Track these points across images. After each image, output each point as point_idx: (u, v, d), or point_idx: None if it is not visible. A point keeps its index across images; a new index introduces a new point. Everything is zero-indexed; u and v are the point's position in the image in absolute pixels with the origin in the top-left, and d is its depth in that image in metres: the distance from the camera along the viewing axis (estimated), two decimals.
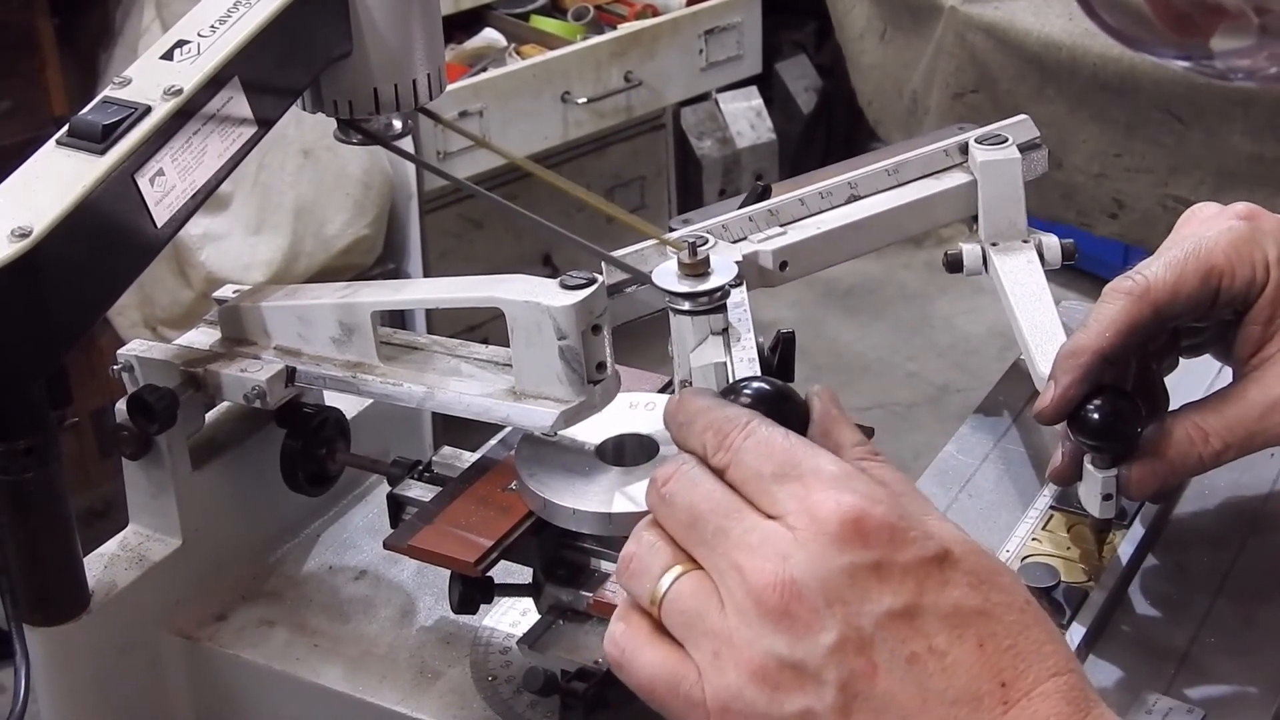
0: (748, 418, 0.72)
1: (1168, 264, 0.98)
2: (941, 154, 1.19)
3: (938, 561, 0.68)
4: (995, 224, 1.17)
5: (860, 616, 0.67)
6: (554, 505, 0.97)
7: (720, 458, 0.72)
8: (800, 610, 0.67)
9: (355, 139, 1.05)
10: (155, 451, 1.05)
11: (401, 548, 1.00)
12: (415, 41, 1.03)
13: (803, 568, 0.67)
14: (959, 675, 0.67)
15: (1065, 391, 0.98)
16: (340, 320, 1.03)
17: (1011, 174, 1.17)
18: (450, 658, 1.04)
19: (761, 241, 1.10)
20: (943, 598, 0.67)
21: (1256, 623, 0.99)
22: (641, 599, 0.72)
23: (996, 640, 0.67)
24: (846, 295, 3.84)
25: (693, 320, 0.92)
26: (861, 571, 0.67)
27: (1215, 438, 0.98)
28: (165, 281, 2.71)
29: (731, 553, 0.69)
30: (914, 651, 0.67)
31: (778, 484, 0.69)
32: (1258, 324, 0.98)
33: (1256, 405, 0.97)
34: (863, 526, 0.67)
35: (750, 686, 0.68)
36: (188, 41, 0.98)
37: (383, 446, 1.19)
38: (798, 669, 0.67)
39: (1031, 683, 0.67)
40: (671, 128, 3.56)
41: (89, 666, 1.02)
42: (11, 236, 0.87)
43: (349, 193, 2.81)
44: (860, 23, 2.95)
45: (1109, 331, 0.97)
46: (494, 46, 3.17)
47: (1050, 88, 2.48)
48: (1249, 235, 0.98)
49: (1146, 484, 0.99)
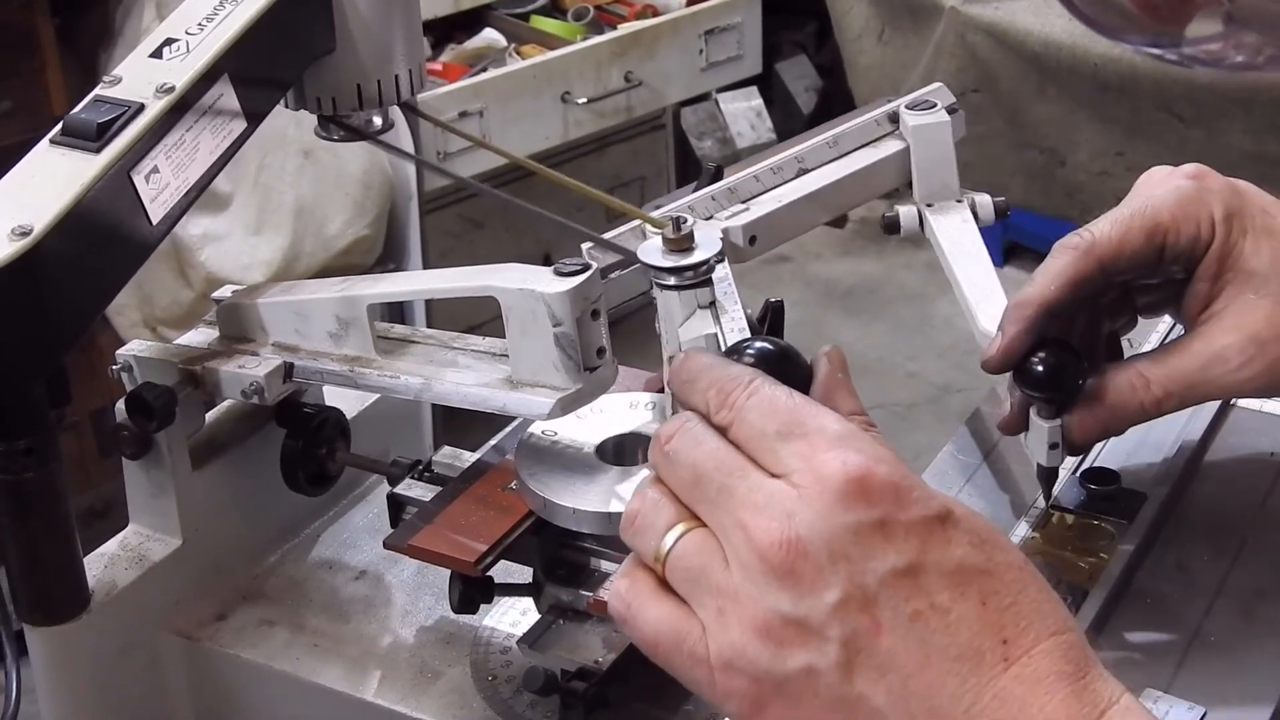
0: (750, 376, 0.72)
1: (1114, 221, 1.00)
2: (874, 124, 1.23)
3: (940, 520, 0.68)
4: (929, 185, 1.20)
5: (864, 574, 0.67)
6: (554, 505, 0.97)
7: (723, 415, 0.72)
8: (805, 568, 0.67)
9: (336, 135, 1.06)
10: (155, 451, 1.05)
11: (401, 548, 1.00)
12: (396, 37, 1.03)
13: (807, 525, 0.67)
14: (961, 632, 0.67)
15: (1011, 343, 1.00)
16: (337, 314, 1.03)
17: (942, 136, 1.20)
18: (450, 657, 1.04)
19: (729, 219, 1.11)
20: (946, 556, 0.68)
21: (1258, 618, 0.99)
22: (646, 555, 0.72)
23: (998, 598, 0.68)
24: (846, 295, 3.84)
25: (679, 295, 0.93)
26: (866, 529, 0.67)
27: (1156, 385, 0.99)
28: (165, 282, 2.71)
29: (736, 510, 0.69)
30: (917, 609, 0.67)
31: (782, 442, 0.70)
32: (1204, 280, 1.00)
33: (1199, 356, 0.99)
34: (867, 485, 0.68)
35: (754, 643, 0.68)
36: (176, 39, 0.98)
37: (383, 446, 1.19)
38: (801, 626, 0.67)
39: (1032, 640, 0.67)
40: (671, 128, 3.57)
41: (89, 666, 1.02)
42: (11, 235, 0.87)
43: (349, 193, 2.81)
44: (859, 23, 2.95)
45: (1054, 285, 0.99)
46: (494, 47, 3.17)
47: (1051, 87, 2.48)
48: (1195, 194, 1.00)
49: (1088, 429, 1.01)
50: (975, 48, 2.57)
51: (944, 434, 1.20)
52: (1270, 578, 1.03)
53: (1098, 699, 0.68)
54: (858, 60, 2.98)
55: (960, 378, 3.53)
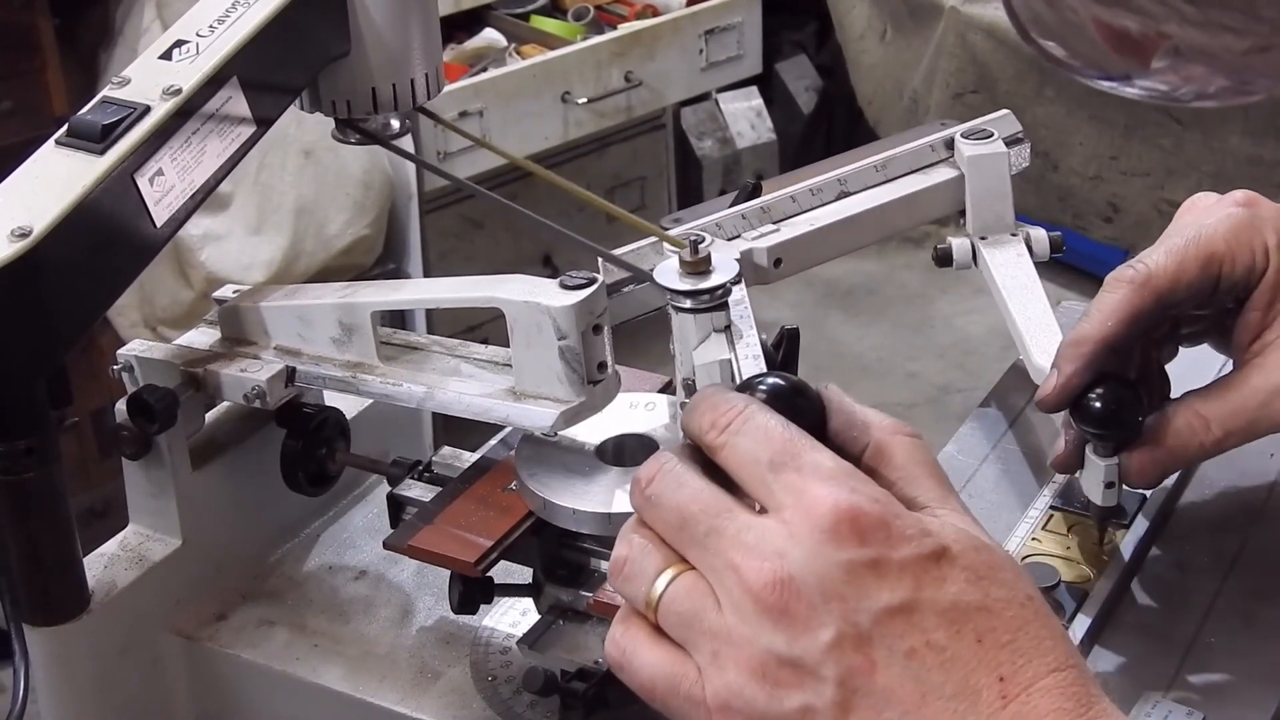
0: (745, 403, 0.72)
1: (1169, 251, 0.98)
2: (928, 149, 1.20)
3: (934, 558, 0.68)
4: (983, 218, 1.18)
5: (858, 613, 0.67)
6: (554, 505, 0.97)
7: (714, 438, 0.71)
8: (798, 607, 0.67)
9: (353, 139, 1.05)
10: (155, 452, 1.05)
11: (401, 548, 1.00)
12: (413, 41, 1.03)
13: (799, 564, 0.67)
14: (957, 670, 0.67)
15: (1068, 380, 0.98)
16: (340, 320, 1.03)
17: (998, 168, 1.18)
18: (450, 658, 1.04)
19: (755, 239, 1.11)
20: (940, 593, 0.67)
21: (1257, 621, 0.99)
22: (637, 603, 0.72)
23: (995, 635, 0.67)
24: (847, 295, 3.84)
25: (695, 318, 0.92)
26: (859, 568, 0.67)
27: (1216, 425, 0.98)
28: (165, 281, 2.71)
29: (726, 552, 0.69)
30: (912, 647, 0.67)
31: (773, 473, 0.69)
32: (1258, 310, 0.98)
33: (1259, 392, 0.97)
34: (858, 523, 0.67)
35: (750, 684, 0.68)
36: (186, 41, 0.98)
37: (383, 447, 1.19)
38: (796, 666, 0.67)
39: (1030, 678, 0.67)
40: (672, 128, 3.56)
41: (89, 666, 1.02)
42: (12, 236, 0.87)
43: (349, 193, 2.81)
44: (861, 23, 2.95)
45: (1111, 320, 0.98)
46: (494, 46, 3.17)
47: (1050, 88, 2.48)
48: (1248, 221, 0.98)
49: (1147, 471, 0.99)
50: (975, 48, 2.57)
51: (944, 434, 1.20)
52: (1269, 580, 1.03)
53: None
54: (860, 60, 2.98)
55: (960, 378, 3.53)
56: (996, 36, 2.53)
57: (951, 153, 1.20)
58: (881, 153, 1.19)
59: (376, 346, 1.02)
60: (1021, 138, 1.20)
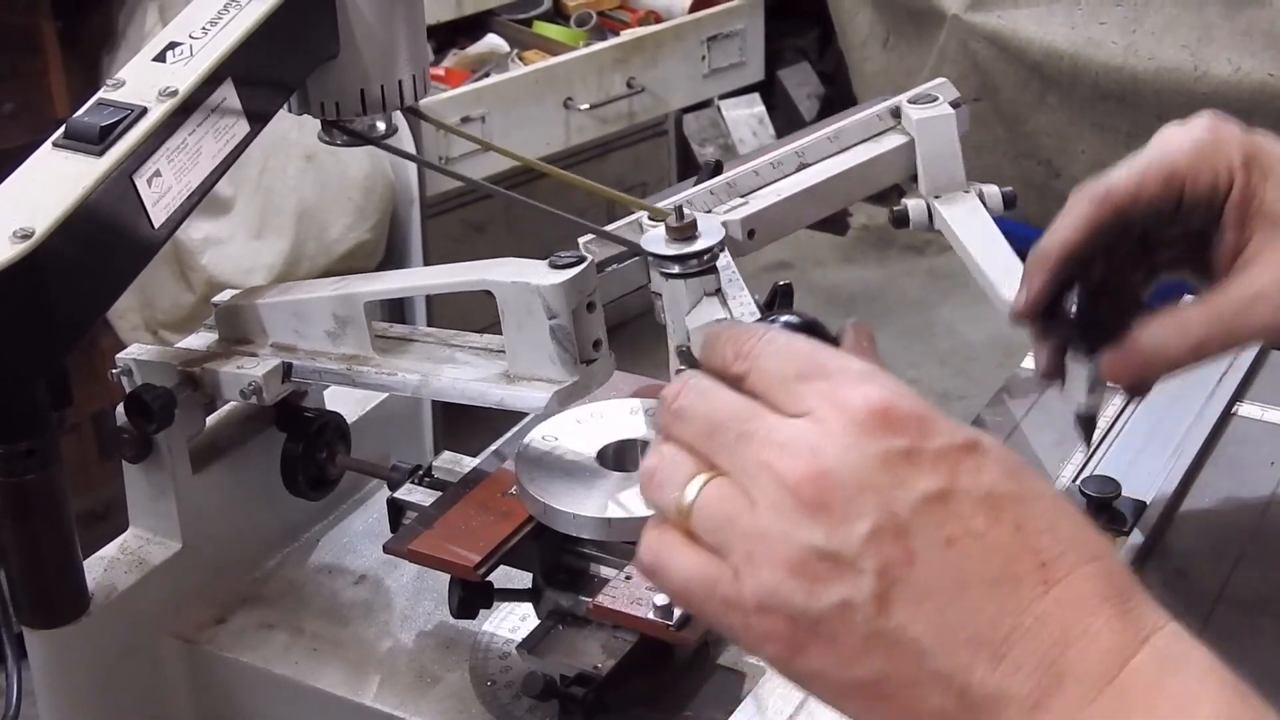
0: (764, 328, 0.71)
1: (1130, 169, 1.00)
2: (875, 119, 1.24)
3: (968, 449, 0.67)
4: (935, 178, 1.22)
5: (895, 502, 0.65)
6: (554, 510, 0.97)
7: (739, 365, 0.71)
8: (835, 500, 0.66)
9: (340, 140, 1.06)
10: (155, 454, 1.05)
11: (401, 551, 1.00)
12: (401, 42, 1.03)
13: (835, 458, 0.66)
14: (997, 557, 0.65)
15: (1036, 290, 1.00)
16: (335, 313, 1.03)
17: (947, 129, 1.22)
18: (449, 662, 1.04)
19: (727, 213, 1.12)
20: (977, 482, 0.66)
21: (1256, 632, 0.99)
22: (669, 510, 0.70)
23: (1034, 523, 0.66)
24: (848, 302, 3.84)
25: (685, 283, 0.93)
26: (894, 458, 0.66)
27: (1196, 326, 0.97)
28: (167, 285, 2.71)
29: (759, 452, 0.68)
30: (951, 534, 0.65)
31: (802, 383, 0.68)
32: (1231, 229, 0.99)
33: (1239, 298, 0.97)
34: (891, 416, 0.66)
35: (788, 581, 0.66)
36: (179, 43, 0.98)
37: (383, 450, 1.19)
38: (834, 559, 0.66)
39: (1072, 564, 0.66)
40: (673, 134, 3.56)
41: (89, 669, 1.02)
42: (13, 238, 0.87)
43: (351, 197, 2.81)
44: (863, 30, 2.96)
45: (1072, 232, 0.99)
46: (496, 52, 3.17)
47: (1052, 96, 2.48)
48: (1211, 142, 0.99)
49: (1121, 371, 0.99)
50: (977, 55, 2.57)
51: None
52: (1271, 587, 1.03)
53: (1142, 623, 0.65)
54: (862, 67, 2.99)
55: (962, 385, 3.53)
56: (998, 44, 2.53)
57: (898, 120, 1.24)
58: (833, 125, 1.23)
59: (371, 338, 1.02)
60: (960, 102, 1.24)
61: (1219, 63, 2.32)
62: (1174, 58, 2.34)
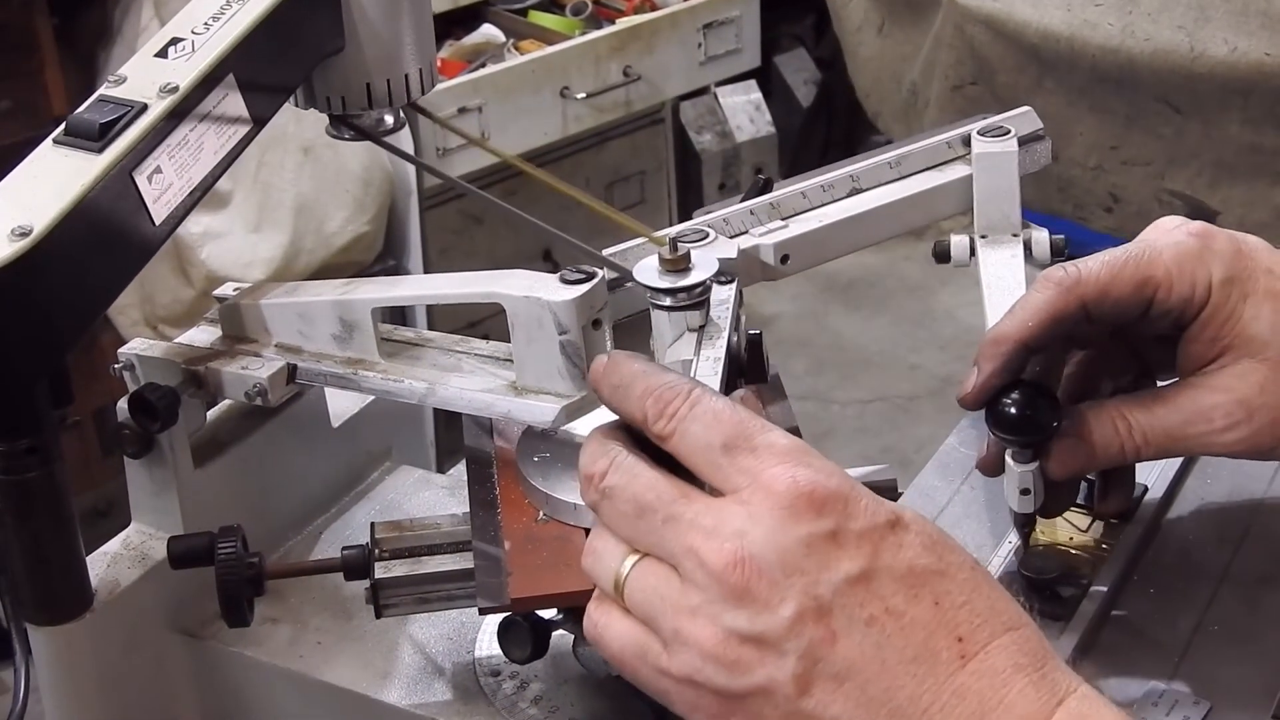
0: (690, 385, 0.73)
1: (1106, 262, 0.96)
2: (944, 146, 1.19)
3: (890, 526, 0.69)
4: (988, 216, 1.16)
5: (819, 585, 0.68)
6: (557, 500, 0.97)
7: (662, 426, 0.72)
8: (759, 585, 0.68)
9: (347, 135, 1.05)
10: (157, 450, 1.05)
11: (503, 605, 0.93)
12: (406, 36, 1.03)
13: (759, 542, 0.68)
14: (916, 633, 0.68)
15: (986, 380, 0.97)
16: (341, 317, 1.02)
17: (1007, 167, 1.16)
18: (454, 655, 1.04)
19: (762, 235, 1.10)
20: (898, 559, 0.69)
21: (1260, 611, 0.99)
22: (605, 586, 0.74)
23: (951, 598, 0.69)
24: (848, 288, 3.84)
25: (669, 316, 0.92)
26: (818, 541, 0.68)
27: (1138, 432, 0.96)
28: (166, 280, 2.71)
29: (685, 537, 0.70)
30: (871, 614, 0.68)
31: (727, 456, 0.70)
32: (1196, 343, 0.96)
33: (1183, 411, 0.95)
34: (816, 498, 0.68)
35: (711, 662, 0.69)
36: (181, 39, 0.98)
37: (385, 444, 1.19)
38: (759, 643, 0.68)
39: (988, 636, 0.68)
40: (670, 122, 3.56)
41: (93, 666, 1.02)
42: (12, 236, 0.87)
43: (349, 189, 2.81)
44: (858, 15, 2.95)
45: (1033, 320, 0.96)
46: (493, 42, 3.17)
47: (1049, 79, 2.48)
48: (1196, 253, 0.96)
49: (1066, 464, 0.97)
50: (973, 39, 2.56)
51: (946, 426, 1.20)
52: (1273, 566, 1.03)
53: (1056, 688, 0.68)
54: (858, 52, 2.98)
55: (962, 370, 3.52)
56: (994, 28, 2.53)
57: (968, 150, 1.18)
58: (898, 149, 1.18)
59: (377, 343, 1.02)
60: (1041, 135, 1.18)
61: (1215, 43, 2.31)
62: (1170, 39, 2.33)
